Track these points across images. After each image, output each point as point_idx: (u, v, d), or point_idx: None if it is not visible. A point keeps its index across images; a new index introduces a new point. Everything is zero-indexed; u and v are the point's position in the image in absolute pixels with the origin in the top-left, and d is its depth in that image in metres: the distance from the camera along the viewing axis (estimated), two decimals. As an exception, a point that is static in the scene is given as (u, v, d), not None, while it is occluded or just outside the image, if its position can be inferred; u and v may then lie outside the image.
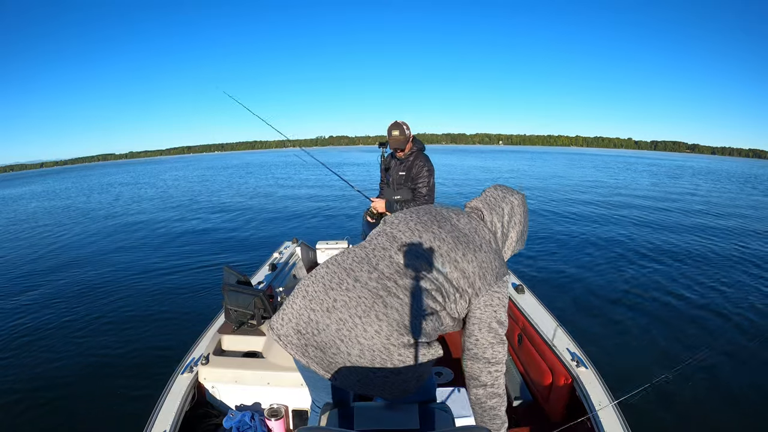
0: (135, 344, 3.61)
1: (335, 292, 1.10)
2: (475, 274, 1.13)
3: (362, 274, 1.12)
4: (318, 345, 1.10)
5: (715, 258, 6.42)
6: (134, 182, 26.02)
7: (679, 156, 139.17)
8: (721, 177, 27.05)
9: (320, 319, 1.09)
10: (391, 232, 1.21)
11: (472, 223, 1.24)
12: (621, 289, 5.00)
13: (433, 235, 1.17)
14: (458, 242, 1.16)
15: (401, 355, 1.05)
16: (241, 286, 2.23)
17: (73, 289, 5.10)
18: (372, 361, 1.05)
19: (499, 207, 1.29)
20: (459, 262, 1.13)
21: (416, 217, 1.23)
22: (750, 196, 15.40)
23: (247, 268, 2.77)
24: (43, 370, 3.26)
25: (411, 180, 2.81)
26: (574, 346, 2.03)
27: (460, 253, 1.14)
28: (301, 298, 1.15)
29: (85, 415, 2.70)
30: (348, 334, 1.06)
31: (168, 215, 10.80)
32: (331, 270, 1.16)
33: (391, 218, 1.29)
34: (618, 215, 10.10)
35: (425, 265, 1.12)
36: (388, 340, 1.04)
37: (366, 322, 1.05)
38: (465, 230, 1.21)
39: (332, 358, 1.09)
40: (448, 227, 1.20)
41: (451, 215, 1.25)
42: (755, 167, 53.92)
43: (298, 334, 1.12)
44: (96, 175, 42.48)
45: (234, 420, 1.79)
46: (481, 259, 1.15)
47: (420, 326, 1.07)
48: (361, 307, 1.07)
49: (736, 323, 4.08)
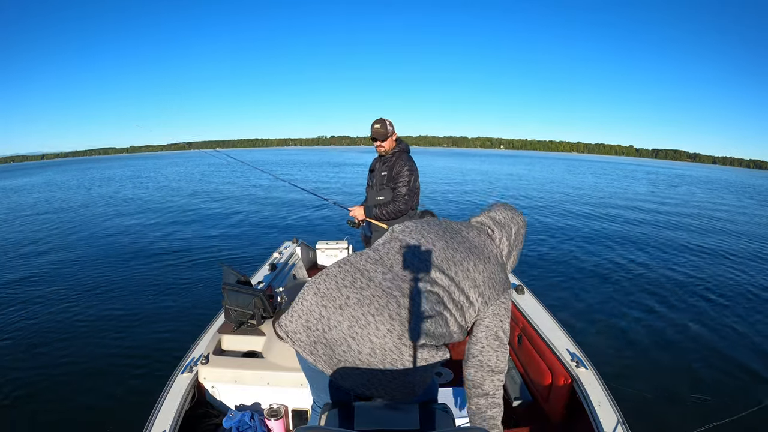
0: (134, 344, 3.60)
1: (348, 289, 1.11)
2: (485, 284, 1.16)
3: (376, 275, 1.13)
4: (328, 342, 1.09)
5: (714, 259, 6.55)
6: (136, 176, 26.00)
7: (680, 165, 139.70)
8: (718, 186, 27.18)
9: (332, 316, 1.09)
10: (404, 239, 1.23)
11: (480, 237, 1.28)
12: (621, 290, 5.04)
13: (446, 244, 1.20)
14: (470, 253, 1.20)
15: (411, 355, 1.06)
16: (241, 285, 2.23)
17: (72, 288, 5.08)
18: (383, 359, 1.05)
19: (508, 227, 1.34)
20: (470, 272, 1.16)
21: (428, 227, 1.26)
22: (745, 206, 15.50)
23: (246, 268, 2.77)
24: (42, 368, 3.25)
25: (392, 180, 2.81)
26: (574, 347, 2.04)
27: (472, 263, 1.17)
28: (312, 294, 1.15)
29: (85, 414, 2.70)
30: (360, 331, 1.06)
31: (168, 214, 10.79)
32: (344, 269, 1.17)
33: (400, 227, 1.31)
34: (617, 219, 10.19)
35: (438, 271, 1.14)
36: (400, 339, 1.05)
37: (379, 320, 1.05)
38: (475, 242, 1.25)
39: (341, 356, 1.08)
40: (459, 238, 1.24)
41: (461, 228, 1.30)
42: (754, 177, 54.27)
43: (307, 331, 1.12)
44: (97, 168, 42.42)
45: (234, 420, 1.80)
46: (490, 271, 1.19)
47: (432, 329, 1.09)
48: (375, 306, 1.07)
49: (736, 323, 4.13)
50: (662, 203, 14.01)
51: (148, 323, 4.01)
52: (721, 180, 37.55)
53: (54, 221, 10.18)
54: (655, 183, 26.00)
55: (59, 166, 60.82)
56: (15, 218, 10.94)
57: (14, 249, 7.39)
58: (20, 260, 6.63)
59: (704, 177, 40.82)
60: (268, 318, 2.20)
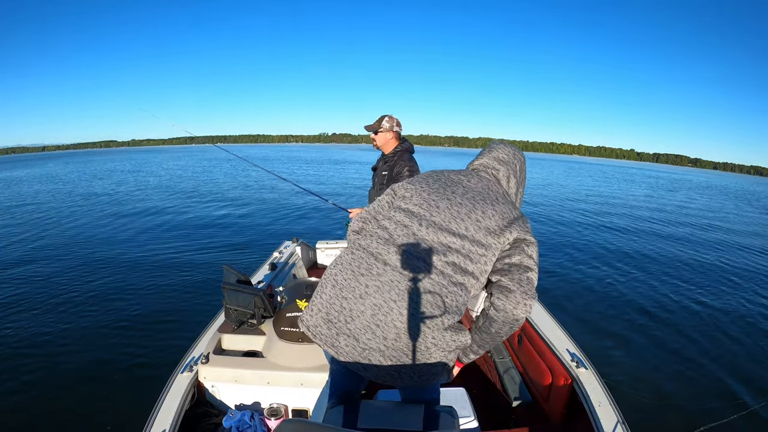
0: (134, 343, 3.60)
1: (366, 278, 1.11)
2: (499, 226, 1.13)
3: (390, 257, 1.12)
4: (351, 333, 1.10)
5: (714, 261, 6.59)
6: (137, 170, 25.94)
7: (681, 169, 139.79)
8: (717, 192, 27.22)
9: (354, 306, 1.09)
10: (408, 208, 1.20)
11: (482, 181, 1.25)
12: (620, 290, 5.06)
13: (449, 202, 1.17)
14: (475, 202, 1.17)
15: (434, 338, 1.07)
16: (241, 285, 2.23)
17: (71, 288, 5.04)
18: (408, 344, 1.06)
19: (513, 164, 1.32)
20: (481, 221, 1.13)
21: (427, 187, 1.23)
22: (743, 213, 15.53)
23: (247, 268, 2.77)
24: (41, 368, 3.23)
25: (392, 180, 2.76)
26: (574, 347, 2.04)
27: (480, 211, 1.15)
28: (331, 287, 1.15)
29: (85, 413, 2.69)
30: (384, 318, 1.06)
31: (168, 213, 10.74)
32: (358, 256, 1.16)
33: (401, 191, 1.27)
34: (617, 221, 10.19)
35: (449, 234, 1.12)
36: (423, 323, 1.06)
37: (401, 305, 1.06)
38: (478, 189, 1.22)
39: (366, 344, 1.08)
40: (460, 190, 1.20)
41: (461, 178, 1.26)
42: (755, 184, 54.29)
43: (328, 324, 1.13)
44: (98, 161, 42.32)
45: (234, 419, 1.80)
46: (501, 211, 1.16)
47: (453, 303, 1.09)
48: (395, 291, 1.07)
49: (735, 322, 4.15)
50: (661, 208, 14.04)
51: (148, 322, 4.00)
52: (720, 186, 37.60)
53: (53, 216, 10.14)
54: (654, 187, 26.05)
55: (60, 158, 60.67)
56: (16, 211, 10.93)
57: (12, 242, 7.38)
58: (19, 254, 6.63)
59: (704, 182, 40.86)
60: (269, 317, 2.20)
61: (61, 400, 2.84)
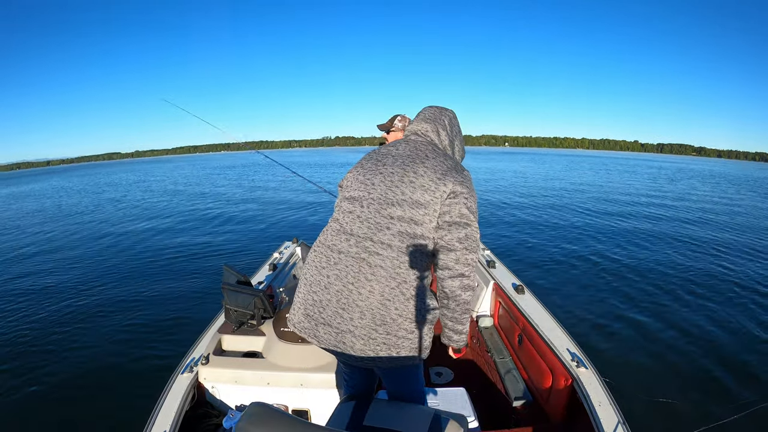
0: (135, 344, 3.62)
1: (326, 269, 1.20)
2: (433, 180, 1.17)
3: (342, 245, 1.20)
4: (325, 321, 1.19)
5: (716, 258, 6.46)
6: (141, 180, 26.17)
7: (685, 159, 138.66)
8: (721, 180, 26.97)
9: (323, 297, 1.20)
10: (349, 195, 1.27)
11: (410, 145, 1.30)
12: (621, 290, 4.99)
13: (382, 175, 1.23)
14: (405, 166, 1.22)
15: (398, 308, 1.13)
16: (241, 286, 2.23)
17: (72, 289, 5.12)
18: (373, 320, 1.14)
19: (440, 119, 1.37)
20: (415, 181, 1.17)
21: (361, 169, 1.30)
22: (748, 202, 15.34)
23: (247, 268, 2.78)
24: (42, 369, 3.27)
25: None
26: (574, 347, 2.02)
27: (411, 173, 1.19)
28: (304, 285, 1.27)
29: (85, 414, 2.72)
30: (346, 301, 1.15)
31: (168, 214, 10.85)
32: (318, 251, 1.26)
33: (344, 182, 1.34)
34: (618, 218, 10.08)
35: (389, 205, 1.17)
36: (382, 296, 1.13)
37: (358, 286, 1.14)
38: (406, 153, 1.26)
39: (338, 327, 1.17)
40: (390, 161, 1.26)
41: (389, 149, 1.32)
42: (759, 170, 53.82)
43: (307, 318, 1.24)
44: (102, 174, 42.72)
45: (234, 420, 1.80)
46: (432, 165, 1.20)
47: (410, 270, 1.14)
48: (351, 275, 1.16)
49: (736, 323, 4.09)
50: (662, 203, 13.80)
51: (148, 323, 4.03)
52: (724, 174, 37.21)
53: (58, 223, 10.26)
54: (656, 178, 25.80)
55: (65, 172, 61.36)
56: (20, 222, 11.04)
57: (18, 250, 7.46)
58: (22, 260, 6.71)
59: (708, 171, 40.48)
60: (269, 318, 2.19)
61: (62, 401, 2.87)
